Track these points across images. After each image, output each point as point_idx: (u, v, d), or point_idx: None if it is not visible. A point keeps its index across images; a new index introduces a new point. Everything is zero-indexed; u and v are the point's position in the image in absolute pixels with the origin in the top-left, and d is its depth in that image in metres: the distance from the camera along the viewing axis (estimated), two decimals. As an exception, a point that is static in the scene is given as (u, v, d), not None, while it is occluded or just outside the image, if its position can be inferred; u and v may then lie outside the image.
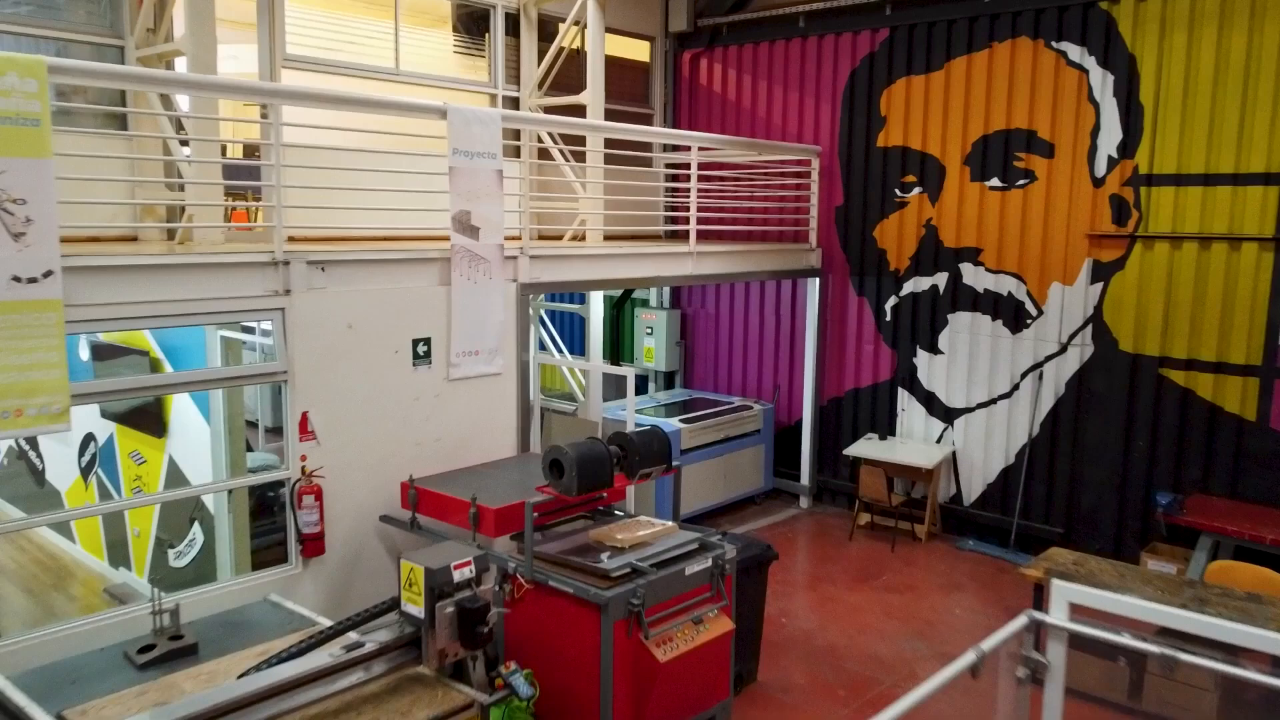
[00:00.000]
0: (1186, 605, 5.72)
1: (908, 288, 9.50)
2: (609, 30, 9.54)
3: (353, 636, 4.31)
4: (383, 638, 4.26)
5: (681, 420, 9.38)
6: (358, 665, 4.20)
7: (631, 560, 5.27)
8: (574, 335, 11.45)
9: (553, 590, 5.25)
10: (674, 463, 5.89)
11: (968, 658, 2.79)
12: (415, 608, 4.30)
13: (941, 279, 9.25)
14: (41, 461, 8.85)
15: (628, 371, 7.62)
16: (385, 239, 6.84)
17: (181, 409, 6.99)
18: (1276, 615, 5.64)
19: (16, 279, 4.77)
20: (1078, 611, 3.29)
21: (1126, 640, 3.18)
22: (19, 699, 4.30)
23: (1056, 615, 2.98)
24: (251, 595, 5.63)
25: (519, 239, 7.19)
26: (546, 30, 9.73)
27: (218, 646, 4.83)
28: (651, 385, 11.35)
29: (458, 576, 4.28)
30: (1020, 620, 2.98)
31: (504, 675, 4.56)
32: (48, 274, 4.86)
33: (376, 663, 4.26)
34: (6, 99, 4.68)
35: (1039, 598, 6.57)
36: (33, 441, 9.00)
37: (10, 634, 5.27)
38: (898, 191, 9.47)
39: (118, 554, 7.89)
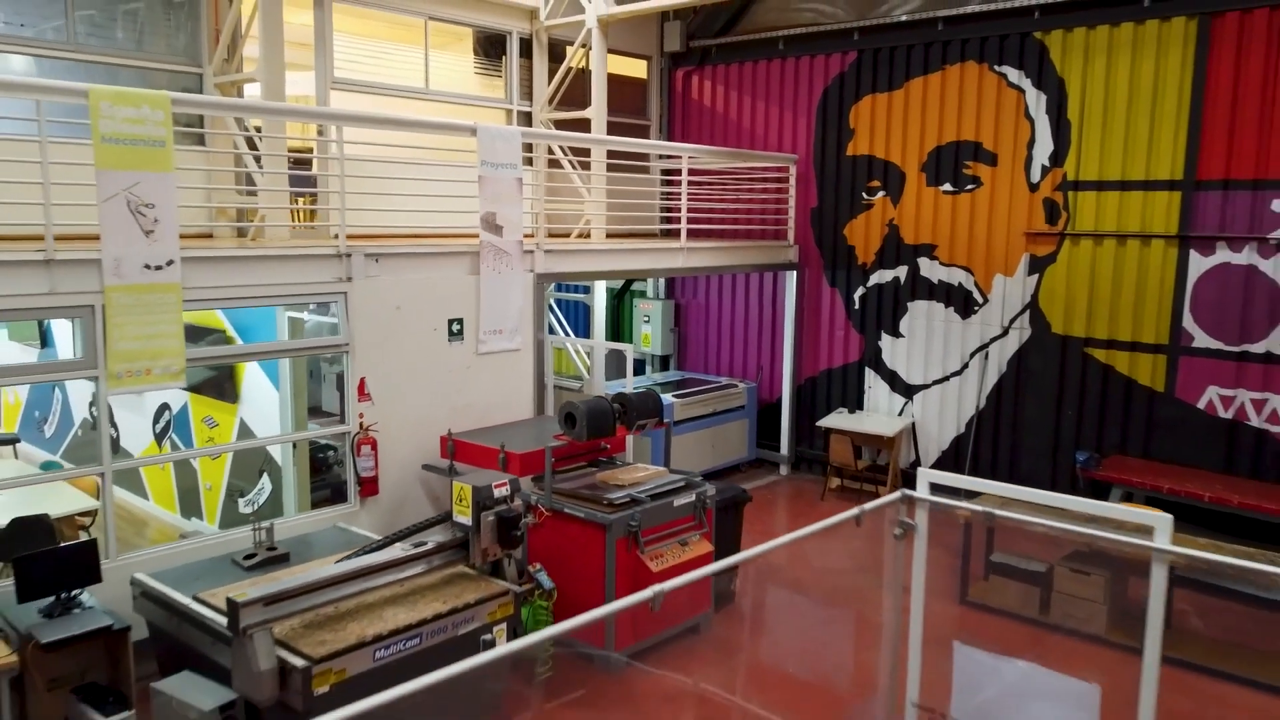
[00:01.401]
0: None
1: (873, 279, 10.79)
2: (611, 51, 10.82)
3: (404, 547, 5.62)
4: (441, 537, 5.58)
5: (675, 396, 10.66)
6: (421, 559, 5.51)
7: (630, 492, 6.58)
8: (579, 322, 12.75)
9: (567, 516, 6.55)
10: (664, 419, 7.20)
11: (852, 511, 4.08)
12: (464, 518, 5.62)
13: (902, 271, 10.54)
14: (116, 430, 10.13)
15: (627, 348, 8.93)
16: (426, 236, 8.09)
17: (252, 377, 8.29)
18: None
19: (147, 266, 6.06)
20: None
21: (961, 504, 4.45)
22: (161, 587, 5.63)
23: (921, 491, 4.25)
24: (320, 526, 6.93)
25: (533, 236, 8.48)
26: (556, 52, 11.03)
27: (303, 556, 6.15)
28: (649, 368, 12.64)
29: (497, 493, 5.60)
30: (895, 495, 4.26)
31: (531, 572, 5.88)
32: (170, 263, 6.16)
33: (435, 558, 5.58)
34: (140, 125, 5.98)
35: (968, 534, 7.90)
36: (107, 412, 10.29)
37: (142, 548, 6.58)
38: (864, 195, 10.77)
39: (190, 506, 9.18)
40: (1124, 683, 6.74)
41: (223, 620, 5.14)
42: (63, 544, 5.68)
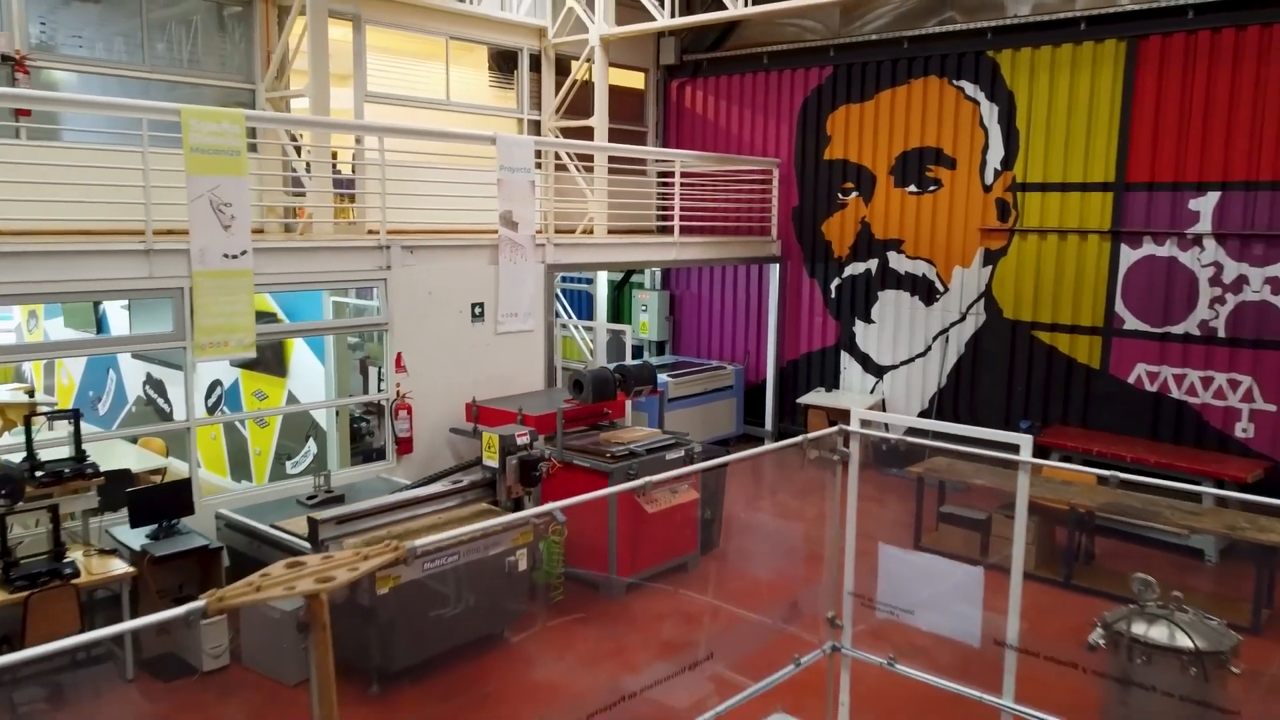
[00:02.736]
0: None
1: (848, 271, 11.99)
2: (611, 65, 12.01)
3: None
4: (474, 477, 6.79)
5: (670, 376, 11.86)
6: (457, 494, 6.72)
7: (629, 447, 7.79)
8: (582, 309, 13.95)
9: (576, 467, 7.75)
10: (657, 387, 8.40)
11: (797, 439, 5.26)
12: (492, 462, 6.82)
13: (873, 264, 11.75)
14: (169, 406, 11.33)
15: (626, 329, 10.13)
16: (453, 231, 9.24)
17: (299, 354, 9.49)
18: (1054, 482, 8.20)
19: (225, 255, 7.25)
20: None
21: (882, 435, 5.63)
22: (242, 519, 6.85)
23: (854, 426, 5.42)
24: (364, 478, 8.13)
25: (544, 232, 9.66)
26: (562, 66, 12.23)
27: (354, 498, 7.34)
28: (646, 352, 13.83)
29: (520, 441, 6.79)
30: (834, 429, 5.43)
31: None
32: (243, 252, 7.35)
33: (469, 494, 6.78)
34: (221, 138, 7.17)
35: (920, 490, 9.11)
36: (160, 389, 11.50)
37: (222, 494, 7.79)
38: (839, 195, 11.97)
39: (239, 471, 10.38)
40: (1041, 605, 7.94)
41: (297, 541, 6.37)
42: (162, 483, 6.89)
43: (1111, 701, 4.81)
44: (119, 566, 6.26)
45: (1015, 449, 5.00)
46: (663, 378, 11.61)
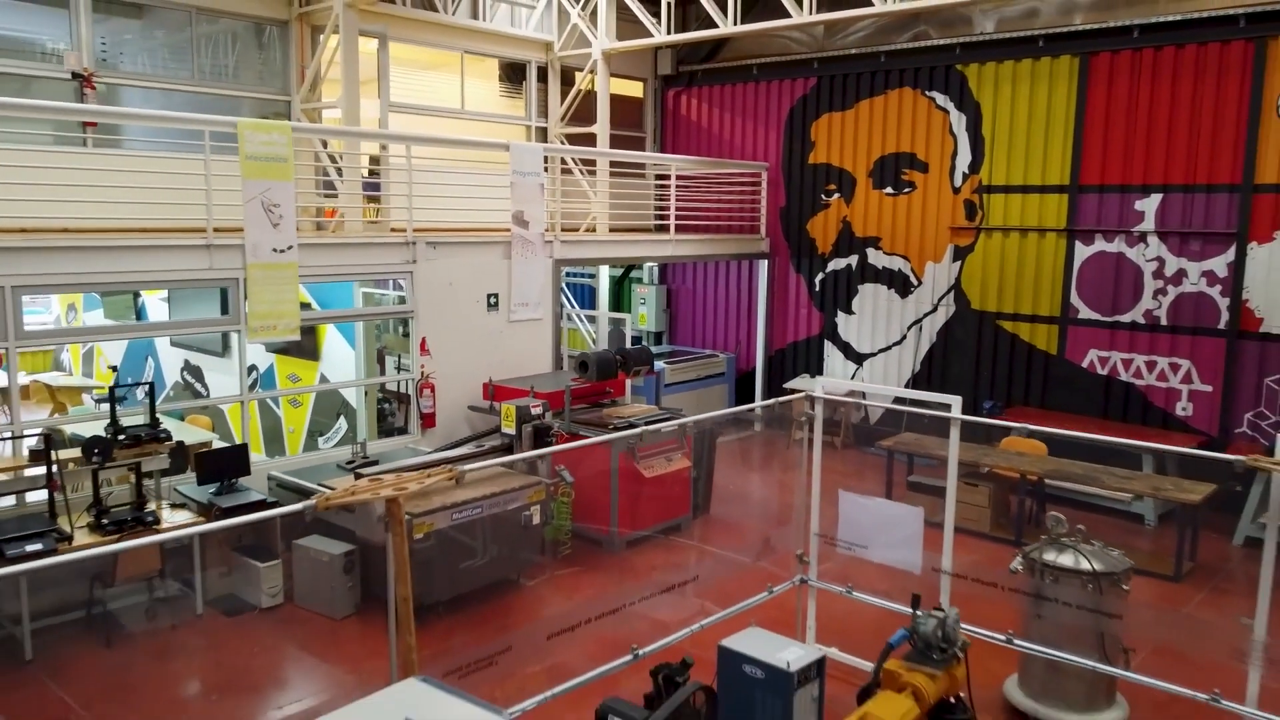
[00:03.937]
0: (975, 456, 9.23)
1: (831, 266, 13.00)
2: (612, 75, 13.00)
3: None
4: (494, 443, 7.79)
5: (667, 363, 12.85)
6: (479, 457, 7.72)
7: (629, 420, 8.79)
8: (585, 301, 14.96)
9: (582, 437, 8.74)
10: (654, 368, 9.40)
11: (772, 401, 6.26)
12: (510, 430, 7.84)
13: (854, 260, 12.75)
14: (206, 390, 12.34)
15: (625, 317, 11.12)
16: (471, 229, 10.23)
17: (331, 339, 10.50)
18: (1008, 454, 9.19)
19: (274, 250, 8.26)
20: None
21: (842, 398, 6.63)
22: (292, 479, 7.85)
23: (818, 393, 6.42)
24: (393, 448, 9.14)
25: (551, 230, 10.65)
26: (567, 77, 13.23)
27: (388, 462, 8.34)
28: (645, 342, 14.82)
29: (534, 412, 7.80)
30: (801, 394, 6.43)
31: (557, 470, 8.08)
32: (290, 247, 8.35)
33: (490, 457, 7.78)
34: (271, 146, 8.18)
35: (890, 463, 10.12)
36: (198, 374, 12.51)
37: (271, 460, 8.78)
38: (823, 196, 12.98)
39: (273, 447, 11.38)
40: (995, 559, 8.94)
41: (342, 496, 7.34)
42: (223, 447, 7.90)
43: (1028, 614, 5.82)
44: (189, 517, 7.27)
45: (948, 408, 6.03)
46: (660, 365, 12.62)
